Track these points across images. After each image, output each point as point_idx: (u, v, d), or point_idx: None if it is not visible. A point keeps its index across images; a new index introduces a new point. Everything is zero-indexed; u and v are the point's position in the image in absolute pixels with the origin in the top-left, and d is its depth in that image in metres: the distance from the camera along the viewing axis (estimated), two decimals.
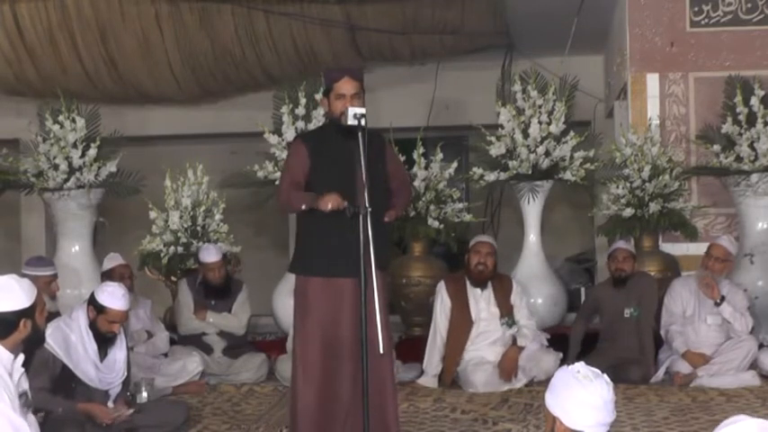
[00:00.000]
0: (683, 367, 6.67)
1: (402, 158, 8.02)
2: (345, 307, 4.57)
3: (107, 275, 6.73)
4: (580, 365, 3.05)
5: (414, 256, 8.24)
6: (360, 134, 4.38)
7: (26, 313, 3.62)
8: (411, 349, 7.22)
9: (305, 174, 4.66)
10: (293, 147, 4.86)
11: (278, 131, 7.85)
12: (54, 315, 5.55)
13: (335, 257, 4.57)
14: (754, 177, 7.69)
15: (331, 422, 4.61)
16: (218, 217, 7.89)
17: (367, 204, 4.29)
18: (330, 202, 4.42)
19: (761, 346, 6.89)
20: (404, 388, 6.49)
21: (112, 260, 6.93)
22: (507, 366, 6.65)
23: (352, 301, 4.49)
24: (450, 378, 6.73)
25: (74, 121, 7.82)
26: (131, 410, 5.10)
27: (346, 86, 4.63)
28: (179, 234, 7.74)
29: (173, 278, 7.84)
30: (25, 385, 3.69)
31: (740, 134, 7.71)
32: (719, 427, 2.51)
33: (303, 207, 4.57)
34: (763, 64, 8.30)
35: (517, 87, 8.00)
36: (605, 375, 3.05)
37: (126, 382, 5.28)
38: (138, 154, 8.72)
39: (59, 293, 6.75)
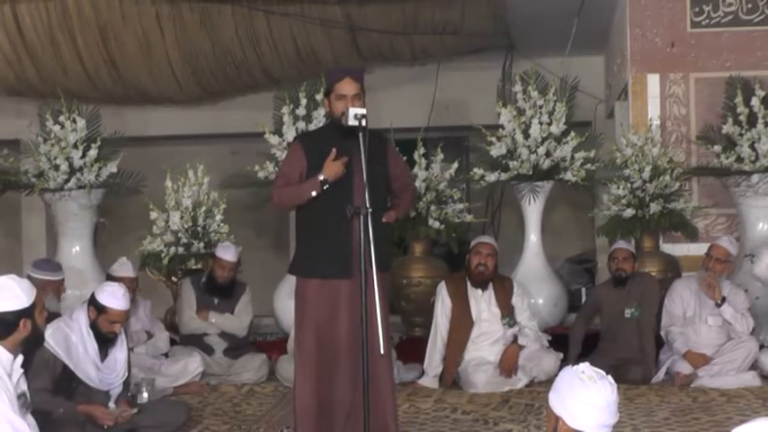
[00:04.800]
0: (684, 368, 6.67)
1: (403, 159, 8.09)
2: (343, 308, 4.56)
3: (113, 281, 6.70)
4: (585, 366, 3.04)
5: (414, 256, 8.24)
6: (360, 135, 4.38)
7: (26, 313, 3.62)
8: (411, 350, 7.22)
9: (301, 176, 4.65)
10: (290, 148, 4.89)
11: (278, 132, 7.86)
12: (56, 316, 5.55)
13: (334, 259, 4.57)
14: (755, 178, 7.69)
15: (331, 423, 4.61)
16: (218, 217, 7.90)
17: (368, 205, 4.29)
18: (334, 170, 4.46)
19: (761, 346, 6.89)
20: (404, 388, 6.49)
21: (122, 268, 6.87)
22: (507, 363, 6.65)
23: (350, 302, 4.49)
24: (451, 378, 6.72)
25: (74, 121, 7.82)
26: (134, 411, 5.11)
27: (347, 87, 4.63)
28: (180, 234, 7.74)
29: (173, 278, 7.85)
30: (24, 386, 3.68)
31: (741, 135, 7.71)
32: (742, 426, 2.46)
33: (314, 194, 4.53)
34: (763, 64, 8.31)
35: (518, 88, 8.00)
36: (609, 376, 3.04)
37: (127, 383, 5.28)
38: (139, 154, 8.71)
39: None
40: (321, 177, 4.51)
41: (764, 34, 8.40)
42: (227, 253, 7.16)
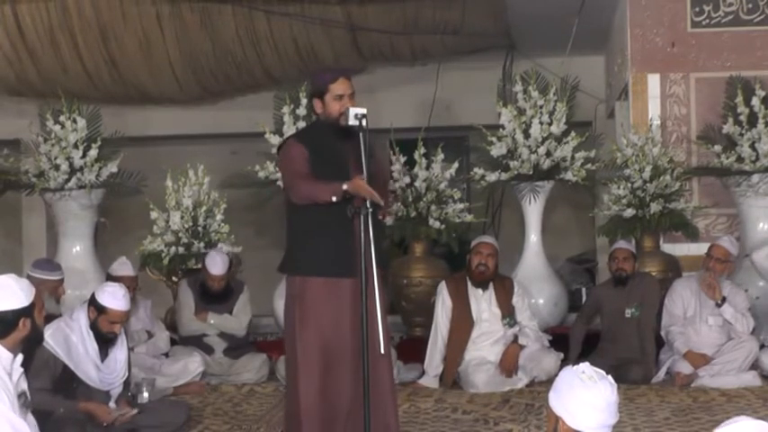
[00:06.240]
0: (685, 367, 6.67)
1: (403, 159, 8.11)
2: (346, 307, 4.55)
3: (113, 280, 6.68)
4: (585, 366, 3.04)
5: (415, 256, 8.24)
6: (361, 135, 4.37)
7: (25, 312, 3.62)
8: (412, 350, 7.22)
9: (307, 163, 4.58)
10: (290, 146, 4.72)
11: (279, 132, 7.86)
12: (56, 317, 5.54)
13: (337, 258, 4.55)
14: (755, 178, 7.70)
15: (332, 423, 4.61)
16: (219, 217, 7.90)
17: (368, 205, 4.29)
18: (362, 188, 4.31)
19: (762, 346, 6.89)
20: (405, 388, 6.49)
21: (122, 267, 6.86)
22: (507, 363, 6.65)
23: (353, 301, 4.48)
24: (452, 378, 6.72)
25: (75, 121, 7.82)
26: (134, 411, 5.11)
27: (343, 87, 4.60)
28: (180, 234, 7.75)
29: (174, 278, 7.85)
30: (24, 385, 3.68)
31: (741, 134, 7.71)
32: (720, 427, 2.51)
33: (334, 199, 4.41)
34: (763, 64, 8.31)
35: (518, 88, 8.00)
36: (609, 377, 3.04)
37: (127, 383, 5.28)
38: (139, 154, 8.72)
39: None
40: (345, 187, 4.37)
41: (765, 34, 8.40)
42: (215, 267, 7.06)
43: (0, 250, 11.31)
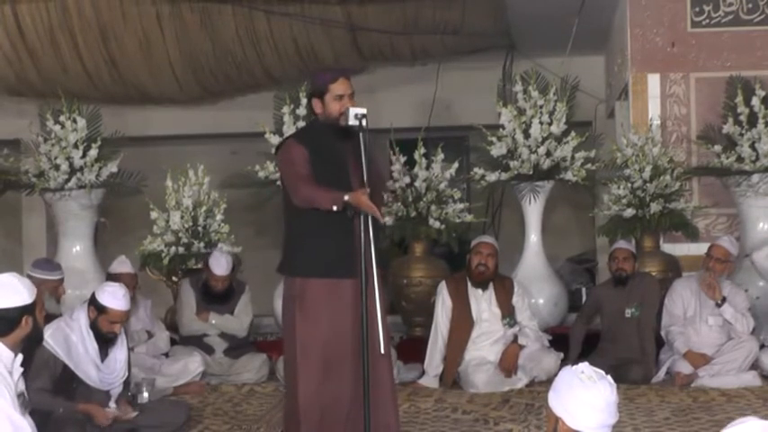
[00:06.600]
0: (684, 367, 6.67)
1: (403, 159, 8.11)
2: (346, 308, 4.56)
3: (113, 278, 6.69)
4: (584, 366, 3.04)
5: (415, 256, 8.24)
6: (361, 135, 4.37)
7: (28, 310, 3.62)
8: (412, 350, 7.22)
9: (307, 163, 4.57)
10: (290, 146, 4.70)
11: (279, 132, 7.86)
12: (56, 317, 5.54)
13: (336, 258, 4.55)
14: (755, 178, 7.70)
15: (332, 423, 4.61)
16: (219, 217, 7.89)
17: None
18: (363, 203, 4.29)
19: (762, 346, 6.89)
20: (405, 388, 6.49)
21: (121, 265, 6.88)
22: (507, 363, 6.65)
23: (353, 301, 4.48)
24: (452, 378, 6.72)
25: (75, 121, 7.82)
26: (135, 413, 5.11)
27: (343, 87, 4.61)
28: (180, 234, 7.74)
29: (174, 278, 7.85)
30: (22, 386, 3.67)
31: (741, 134, 7.72)
32: (727, 428, 2.50)
33: (335, 208, 4.40)
34: (763, 64, 8.31)
35: (518, 88, 8.01)
36: (609, 377, 3.03)
37: (127, 383, 5.28)
38: (139, 154, 8.72)
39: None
40: (346, 198, 4.36)
41: (765, 34, 8.40)
42: (219, 267, 7.07)
43: (0, 250, 11.31)
